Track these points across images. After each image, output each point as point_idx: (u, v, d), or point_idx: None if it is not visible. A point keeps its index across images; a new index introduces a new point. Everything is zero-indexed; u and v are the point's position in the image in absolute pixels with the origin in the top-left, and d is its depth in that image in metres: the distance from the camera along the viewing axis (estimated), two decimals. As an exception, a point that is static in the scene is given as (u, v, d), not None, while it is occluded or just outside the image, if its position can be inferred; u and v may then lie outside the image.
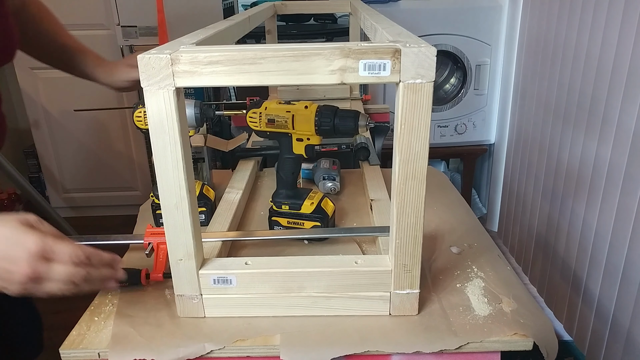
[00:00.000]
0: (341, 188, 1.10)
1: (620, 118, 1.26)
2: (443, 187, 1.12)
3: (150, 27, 2.24)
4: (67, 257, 0.56)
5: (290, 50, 0.53)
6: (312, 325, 0.68)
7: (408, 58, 0.53)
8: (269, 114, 0.87)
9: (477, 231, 0.93)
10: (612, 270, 1.32)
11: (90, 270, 0.58)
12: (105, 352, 0.64)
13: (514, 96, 1.99)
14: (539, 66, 1.73)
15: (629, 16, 1.22)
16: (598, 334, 1.39)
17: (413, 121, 0.56)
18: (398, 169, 0.59)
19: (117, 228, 1.34)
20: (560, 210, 1.59)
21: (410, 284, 0.67)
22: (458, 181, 2.40)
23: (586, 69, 1.42)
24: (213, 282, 0.67)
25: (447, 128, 2.21)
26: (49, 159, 2.60)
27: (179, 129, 0.57)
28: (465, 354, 0.66)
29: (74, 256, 0.56)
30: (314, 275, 0.67)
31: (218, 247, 0.80)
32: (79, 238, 0.79)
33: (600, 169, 1.36)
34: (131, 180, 2.66)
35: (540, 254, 1.76)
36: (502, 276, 0.78)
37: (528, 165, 1.85)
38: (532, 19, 1.80)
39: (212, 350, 0.64)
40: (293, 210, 0.88)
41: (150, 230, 0.78)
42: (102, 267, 0.61)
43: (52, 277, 0.55)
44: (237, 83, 0.55)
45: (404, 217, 0.62)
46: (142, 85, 0.55)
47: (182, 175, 0.60)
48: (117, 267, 0.64)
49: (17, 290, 0.55)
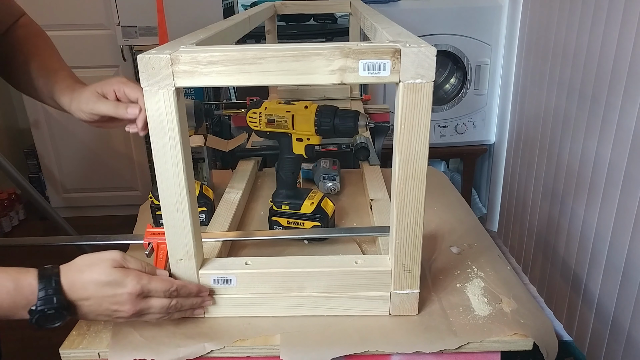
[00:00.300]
0: (341, 188, 1.10)
1: (620, 118, 1.26)
2: (443, 187, 1.12)
3: (150, 27, 2.24)
4: (161, 292, 0.63)
5: (290, 50, 0.53)
6: (312, 325, 0.68)
7: (408, 58, 0.53)
8: (269, 114, 0.87)
9: (477, 231, 0.93)
10: (612, 270, 1.32)
11: (181, 300, 0.65)
12: (105, 352, 0.64)
13: (514, 96, 1.99)
14: (539, 66, 1.73)
15: (629, 16, 1.22)
16: (598, 334, 1.39)
17: (413, 121, 0.56)
18: (398, 169, 0.59)
19: (117, 228, 1.34)
20: (560, 210, 1.59)
21: (410, 284, 0.67)
22: (458, 181, 2.40)
23: (586, 69, 1.42)
24: (213, 282, 0.67)
25: (447, 128, 2.21)
26: (49, 159, 2.60)
27: (179, 129, 0.57)
28: (465, 354, 0.66)
29: (166, 291, 0.64)
30: (314, 275, 0.67)
31: (218, 247, 0.80)
32: (79, 238, 0.79)
33: (600, 169, 1.36)
34: (131, 180, 2.66)
35: (540, 254, 1.76)
36: (502, 276, 0.78)
37: (528, 165, 1.85)
38: (532, 19, 1.80)
39: (212, 350, 0.64)
40: (293, 210, 0.88)
41: (150, 230, 0.78)
42: (191, 297, 0.67)
43: (151, 311, 0.63)
44: (237, 83, 0.55)
45: (404, 217, 0.62)
46: (142, 85, 0.55)
47: (182, 175, 0.60)
48: (205, 295, 0.68)
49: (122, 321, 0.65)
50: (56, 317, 0.58)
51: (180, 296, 0.65)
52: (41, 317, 0.57)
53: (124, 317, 0.62)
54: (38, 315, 0.57)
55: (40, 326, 0.58)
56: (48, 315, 0.57)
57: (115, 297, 0.60)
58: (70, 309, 0.59)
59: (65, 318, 0.59)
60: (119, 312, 0.61)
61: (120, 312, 0.61)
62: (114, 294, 0.60)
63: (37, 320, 0.57)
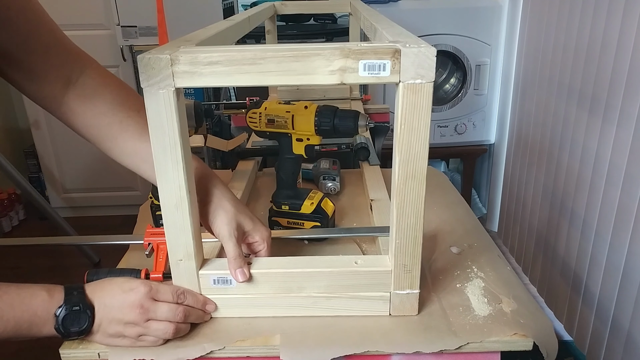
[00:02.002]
0: (341, 188, 1.10)
1: (620, 118, 1.26)
2: (443, 187, 1.12)
3: (150, 27, 2.24)
4: (169, 295, 0.64)
5: (290, 50, 0.53)
6: (312, 325, 0.67)
7: (408, 58, 0.53)
8: (268, 114, 0.87)
9: (477, 231, 0.93)
10: (612, 270, 1.32)
11: (188, 308, 0.65)
12: (105, 352, 0.64)
13: (514, 96, 1.99)
14: (539, 66, 1.73)
15: (629, 16, 1.22)
16: (598, 334, 1.39)
17: (413, 121, 0.56)
18: (398, 169, 0.59)
19: (117, 228, 1.34)
20: (560, 210, 1.59)
21: (410, 284, 0.67)
22: (458, 181, 2.40)
23: (586, 69, 1.42)
24: (213, 282, 0.67)
25: (447, 128, 2.21)
26: (49, 159, 2.60)
27: (179, 129, 0.57)
28: (465, 354, 0.66)
29: (174, 293, 0.65)
30: (314, 276, 0.67)
31: (218, 247, 0.80)
32: (79, 238, 0.79)
33: (601, 169, 1.36)
34: (131, 180, 2.66)
35: (540, 254, 1.76)
36: (502, 276, 0.78)
37: (528, 165, 1.85)
38: (532, 19, 1.80)
39: (212, 350, 0.64)
40: (293, 210, 0.88)
41: (150, 231, 0.78)
42: (197, 309, 0.67)
43: (159, 316, 0.63)
44: (237, 83, 0.55)
45: (404, 217, 0.62)
46: (142, 85, 0.55)
47: (182, 175, 0.60)
48: (212, 308, 0.69)
49: (133, 335, 0.63)
50: (81, 316, 0.61)
51: (187, 302, 0.65)
52: (66, 316, 0.60)
53: (133, 322, 0.62)
54: (65, 314, 0.60)
55: (66, 329, 0.61)
56: (73, 312, 0.60)
57: (127, 300, 0.62)
58: (92, 310, 0.62)
59: (89, 320, 0.61)
60: (129, 322, 0.62)
61: (130, 318, 0.62)
62: (125, 298, 0.63)
63: (63, 320, 0.60)
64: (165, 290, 0.65)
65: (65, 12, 2.31)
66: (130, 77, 2.43)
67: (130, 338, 0.63)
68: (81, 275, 0.73)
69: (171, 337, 0.64)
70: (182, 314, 0.64)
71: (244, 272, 0.66)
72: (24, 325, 0.59)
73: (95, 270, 0.75)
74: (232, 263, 0.66)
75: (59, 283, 0.63)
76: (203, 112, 1.13)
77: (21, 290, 0.60)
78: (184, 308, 0.65)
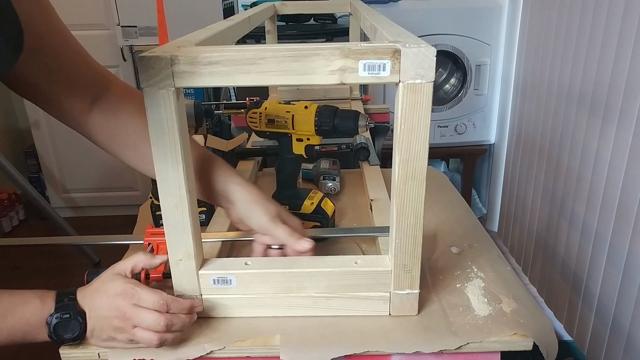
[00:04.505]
0: (341, 188, 1.10)
1: (620, 118, 1.26)
2: (443, 187, 1.12)
3: (150, 27, 2.24)
4: (150, 303, 0.62)
5: (290, 50, 0.53)
6: (312, 325, 0.68)
7: (408, 58, 0.53)
8: (269, 114, 0.87)
9: (477, 231, 0.93)
10: (612, 270, 1.32)
11: (173, 317, 0.63)
12: (105, 353, 0.64)
13: (514, 96, 1.99)
14: (539, 66, 1.73)
15: (629, 16, 1.22)
16: (598, 334, 1.39)
17: (413, 121, 0.56)
18: (398, 169, 0.59)
19: (117, 228, 1.34)
20: (560, 210, 1.59)
21: (410, 284, 0.67)
22: (458, 181, 2.40)
23: (586, 69, 1.42)
24: (213, 282, 0.67)
25: (447, 128, 2.21)
26: (49, 159, 2.60)
27: (179, 129, 0.57)
28: (465, 354, 0.66)
29: (156, 303, 0.62)
30: (314, 276, 0.67)
31: (218, 247, 0.80)
32: (79, 238, 0.79)
33: (601, 169, 1.36)
34: (131, 180, 2.66)
35: (540, 254, 1.76)
36: (502, 276, 0.78)
37: (528, 165, 1.85)
38: (532, 19, 1.80)
39: (212, 350, 0.64)
40: (293, 210, 0.88)
41: (150, 231, 0.78)
42: (182, 314, 0.65)
43: (142, 324, 0.61)
44: (237, 83, 0.55)
45: (404, 217, 0.62)
46: (142, 85, 0.55)
47: (182, 175, 0.60)
48: (199, 309, 0.68)
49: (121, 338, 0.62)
50: (72, 323, 0.60)
51: (171, 310, 0.63)
52: (58, 324, 0.60)
53: (120, 328, 0.62)
54: (56, 322, 0.60)
55: (59, 336, 0.61)
56: (64, 320, 0.60)
57: (112, 306, 0.62)
58: (84, 316, 0.61)
59: (81, 327, 0.61)
60: (117, 328, 0.62)
61: (116, 324, 0.61)
62: (110, 304, 0.62)
63: (55, 328, 0.60)
64: (147, 298, 0.62)
65: (65, 12, 2.28)
66: (130, 77, 2.43)
67: (123, 342, 0.63)
68: (81, 275, 0.73)
69: (157, 347, 0.62)
70: (164, 323, 0.61)
71: (307, 240, 0.68)
72: (17, 333, 0.59)
73: (95, 270, 0.75)
74: (291, 238, 0.68)
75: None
76: (203, 112, 1.13)
77: (13, 298, 0.60)
78: (165, 317, 0.61)
